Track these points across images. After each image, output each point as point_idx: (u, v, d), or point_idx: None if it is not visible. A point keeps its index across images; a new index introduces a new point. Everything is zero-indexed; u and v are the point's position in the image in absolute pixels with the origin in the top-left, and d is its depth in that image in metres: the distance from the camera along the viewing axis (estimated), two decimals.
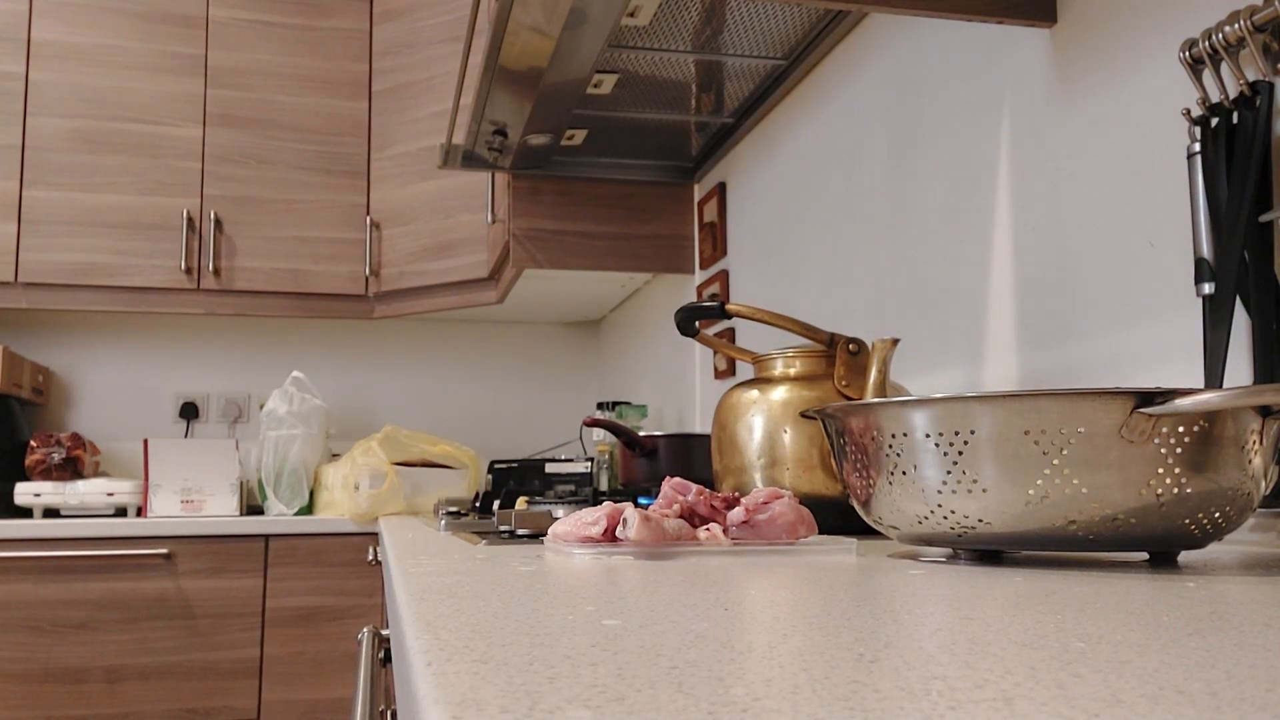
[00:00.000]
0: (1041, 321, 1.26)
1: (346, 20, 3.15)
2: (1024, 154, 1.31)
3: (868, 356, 1.20)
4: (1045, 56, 1.27)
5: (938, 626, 0.42)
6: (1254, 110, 0.93)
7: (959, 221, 1.44)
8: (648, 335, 2.99)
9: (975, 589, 0.57)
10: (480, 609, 0.48)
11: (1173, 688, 0.29)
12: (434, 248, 2.91)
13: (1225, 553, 0.84)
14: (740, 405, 1.25)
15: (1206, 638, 0.39)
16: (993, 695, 0.29)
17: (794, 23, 1.73)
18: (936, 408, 0.71)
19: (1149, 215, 1.09)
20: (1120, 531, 0.67)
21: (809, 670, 0.32)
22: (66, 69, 2.96)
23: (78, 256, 2.91)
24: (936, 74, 1.51)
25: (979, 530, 0.71)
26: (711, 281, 2.43)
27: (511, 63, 1.73)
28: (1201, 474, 0.66)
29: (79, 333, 3.24)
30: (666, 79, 1.92)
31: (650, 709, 0.27)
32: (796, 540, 0.87)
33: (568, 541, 0.85)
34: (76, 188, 2.93)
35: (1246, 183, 0.91)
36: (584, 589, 0.57)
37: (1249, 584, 0.59)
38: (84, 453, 2.81)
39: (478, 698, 0.29)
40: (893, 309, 1.61)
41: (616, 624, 0.43)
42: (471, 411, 3.50)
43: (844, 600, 0.51)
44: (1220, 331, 0.91)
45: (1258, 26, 0.91)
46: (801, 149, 1.97)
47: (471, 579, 0.63)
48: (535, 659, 0.35)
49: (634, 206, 2.55)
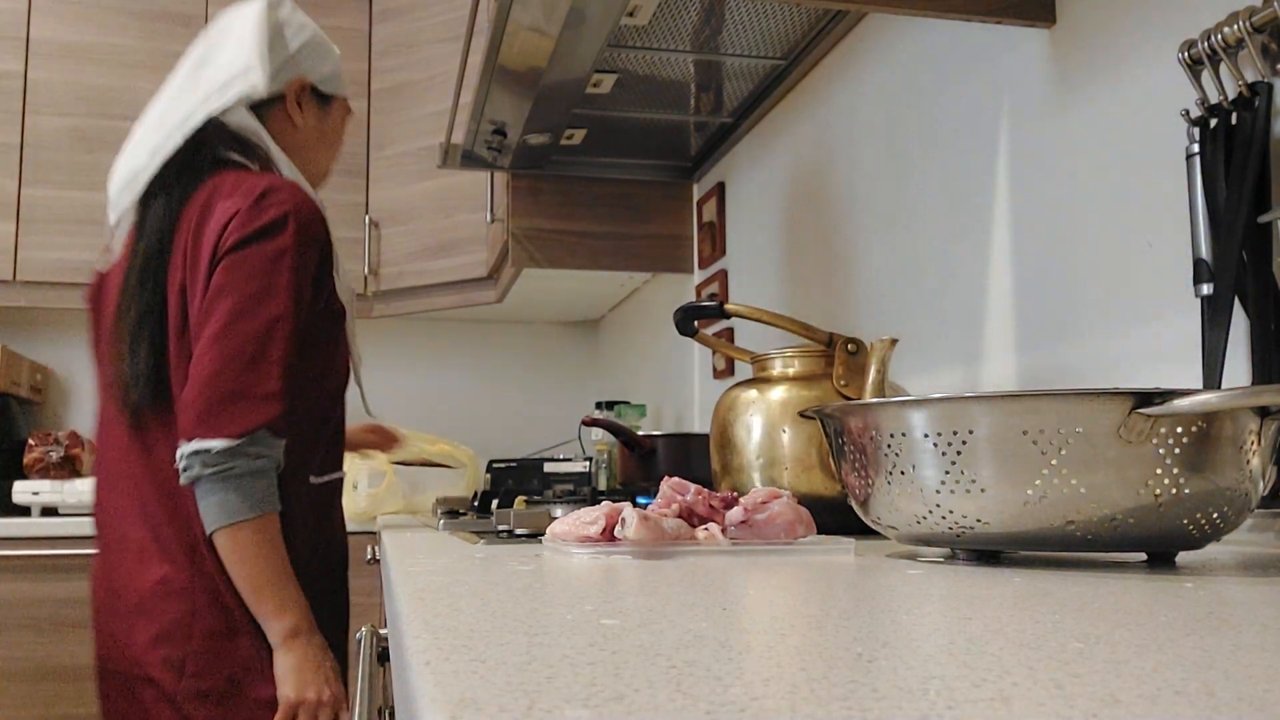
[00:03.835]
0: (1040, 322, 1.26)
1: (346, 19, 3.15)
2: (1023, 154, 1.31)
3: (866, 356, 1.20)
4: (1045, 57, 1.27)
5: (936, 626, 0.42)
6: (1253, 111, 0.93)
7: (958, 221, 1.44)
8: (647, 335, 2.99)
9: (973, 589, 0.57)
10: (478, 608, 0.48)
11: (1170, 688, 0.29)
12: (433, 247, 2.91)
13: (1223, 553, 0.84)
14: (739, 405, 1.25)
15: (1204, 638, 0.39)
16: (991, 695, 0.29)
17: (793, 23, 1.73)
18: (935, 408, 0.71)
19: (1148, 216, 1.09)
20: (1118, 532, 0.67)
21: (807, 670, 0.32)
22: (65, 67, 2.95)
23: (76, 255, 2.90)
24: (936, 74, 1.51)
25: (977, 530, 0.71)
26: (710, 281, 2.43)
27: (511, 62, 1.73)
28: (1200, 474, 0.66)
29: (77, 331, 3.24)
30: (666, 79, 1.92)
31: (649, 708, 0.27)
32: (795, 540, 0.87)
33: (566, 541, 0.85)
34: (75, 186, 2.92)
35: (1245, 183, 0.91)
36: (582, 589, 0.57)
37: (1247, 584, 0.59)
38: (82, 451, 2.81)
39: (476, 697, 0.29)
40: (892, 309, 1.61)
41: (615, 623, 0.43)
42: (470, 411, 3.50)
43: (842, 600, 0.51)
44: (1219, 332, 0.91)
45: (1256, 27, 0.91)
46: (800, 149, 1.97)
47: (470, 578, 0.63)
48: (533, 658, 0.35)
49: (633, 206, 2.55)
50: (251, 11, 1.37)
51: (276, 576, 1.18)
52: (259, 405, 1.15)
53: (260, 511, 1.16)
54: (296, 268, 1.21)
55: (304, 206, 1.24)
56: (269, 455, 1.17)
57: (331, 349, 1.31)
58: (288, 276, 1.20)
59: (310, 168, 1.43)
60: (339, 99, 1.46)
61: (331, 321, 1.31)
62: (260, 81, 1.32)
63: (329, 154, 1.46)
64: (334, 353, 1.32)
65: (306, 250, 1.23)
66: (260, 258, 1.20)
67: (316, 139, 1.42)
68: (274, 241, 1.20)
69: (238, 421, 1.14)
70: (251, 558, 1.17)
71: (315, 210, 1.26)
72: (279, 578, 1.18)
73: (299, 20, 1.41)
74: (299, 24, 1.40)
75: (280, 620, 1.18)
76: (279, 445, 1.18)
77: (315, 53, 1.41)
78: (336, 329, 1.32)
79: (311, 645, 1.20)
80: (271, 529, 1.18)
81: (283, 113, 1.38)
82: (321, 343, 1.29)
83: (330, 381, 1.33)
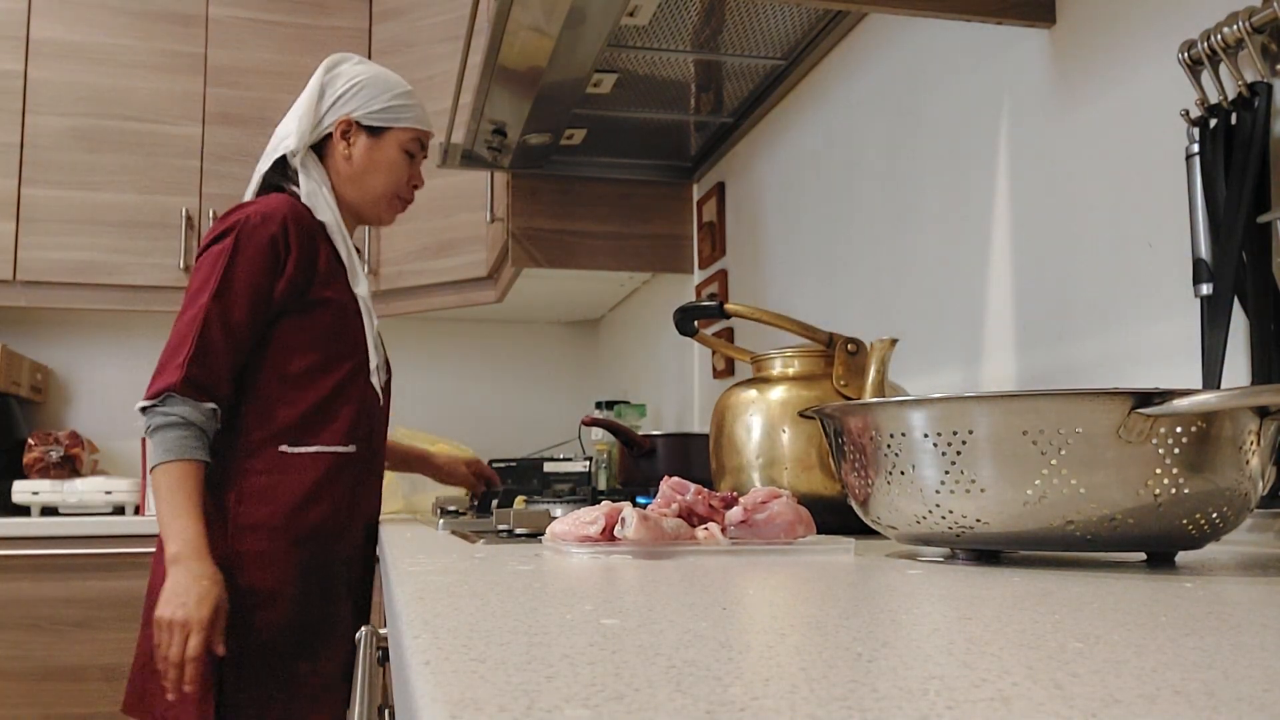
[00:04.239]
0: (1040, 322, 1.26)
1: (346, 19, 3.15)
2: (1023, 154, 1.31)
3: (866, 356, 1.20)
4: (1044, 57, 1.27)
5: (935, 626, 0.42)
6: (1252, 111, 0.93)
7: (957, 222, 1.44)
8: (646, 335, 2.99)
9: (973, 589, 0.57)
10: (478, 608, 0.48)
11: (1170, 688, 0.29)
12: (433, 247, 2.91)
13: (1223, 553, 0.84)
14: (739, 405, 1.25)
15: (1204, 638, 0.39)
16: (990, 695, 0.29)
17: (793, 23, 1.73)
18: (935, 408, 0.71)
19: (1147, 216, 1.09)
20: (1118, 532, 0.67)
21: (807, 670, 0.32)
22: (65, 67, 2.95)
23: (76, 255, 2.90)
24: (936, 74, 1.51)
25: (977, 530, 0.71)
26: (710, 281, 2.43)
27: (511, 62, 1.73)
28: (1199, 474, 0.66)
29: (77, 331, 3.24)
30: (666, 79, 1.92)
31: (648, 708, 0.27)
32: (794, 540, 0.87)
33: (566, 541, 0.85)
34: (75, 186, 2.92)
35: (1245, 183, 0.91)
36: (582, 588, 0.57)
37: (1246, 584, 0.59)
38: (82, 451, 2.81)
39: (475, 697, 0.29)
40: (891, 309, 1.61)
41: (615, 623, 0.43)
42: (470, 410, 3.50)
43: (842, 600, 0.51)
44: (1218, 332, 0.91)
45: (1256, 28, 0.91)
46: (800, 149, 1.97)
47: (469, 578, 0.63)
48: (533, 658, 0.35)
49: (633, 206, 2.55)
50: (314, 75, 1.66)
51: (171, 510, 1.40)
52: (169, 374, 1.43)
53: (166, 458, 1.41)
54: (231, 265, 1.47)
55: (251, 219, 1.50)
56: (176, 413, 1.42)
57: (300, 335, 1.53)
58: (219, 274, 1.46)
59: (364, 193, 1.66)
60: (394, 130, 1.65)
61: (301, 311, 1.53)
62: (294, 144, 1.61)
63: (383, 179, 1.66)
64: (303, 338, 1.53)
65: (245, 251, 1.48)
66: (205, 261, 1.50)
67: (366, 167, 1.65)
68: (217, 246, 1.49)
69: (153, 385, 1.43)
70: (160, 493, 1.42)
71: (264, 222, 1.50)
72: (173, 511, 1.40)
73: (350, 73, 1.65)
74: (349, 76, 1.65)
75: (168, 548, 1.40)
76: (196, 406, 1.43)
77: (364, 93, 1.64)
78: (311, 318, 1.54)
79: (186, 573, 1.38)
80: (177, 472, 1.41)
81: (333, 148, 1.64)
82: (285, 329, 1.52)
83: (297, 362, 1.53)
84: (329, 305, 1.55)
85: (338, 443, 1.55)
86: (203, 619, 1.36)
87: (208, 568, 1.39)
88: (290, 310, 1.52)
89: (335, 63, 1.67)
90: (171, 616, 1.36)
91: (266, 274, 1.49)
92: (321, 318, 1.54)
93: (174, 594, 1.37)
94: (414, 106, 1.68)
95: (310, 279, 1.53)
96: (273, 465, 1.51)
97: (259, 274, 1.48)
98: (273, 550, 1.48)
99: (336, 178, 1.64)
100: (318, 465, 1.53)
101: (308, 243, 1.54)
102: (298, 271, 1.51)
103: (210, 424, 1.45)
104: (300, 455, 1.53)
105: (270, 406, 1.51)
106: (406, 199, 1.70)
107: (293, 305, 1.52)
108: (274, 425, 1.51)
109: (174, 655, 1.36)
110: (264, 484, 1.50)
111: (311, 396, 1.53)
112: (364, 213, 1.68)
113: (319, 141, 1.64)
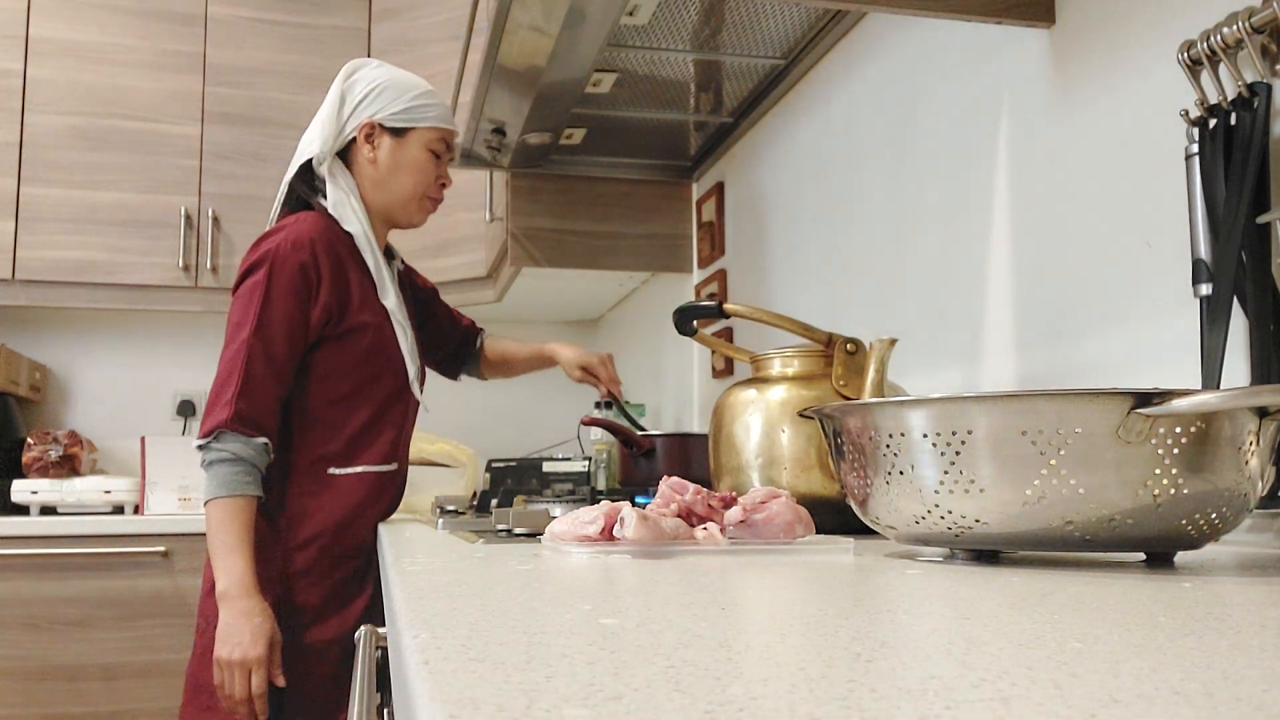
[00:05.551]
0: (1039, 322, 1.26)
1: (345, 18, 3.15)
2: (1022, 154, 1.31)
3: (866, 356, 1.20)
4: (1044, 57, 1.27)
5: (934, 626, 0.42)
6: (1252, 111, 0.93)
7: (957, 221, 1.44)
8: (646, 334, 2.99)
9: (972, 589, 0.57)
10: (477, 608, 0.48)
11: (1169, 688, 0.29)
12: (432, 246, 2.91)
13: (1222, 553, 0.84)
14: (738, 405, 1.25)
15: (1203, 638, 0.39)
16: (989, 695, 0.29)
17: (793, 22, 1.73)
18: (934, 408, 0.71)
19: (1147, 216, 1.09)
20: (1117, 532, 0.67)
21: (806, 669, 0.32)
22: (65, 66, 2.95)
23: (75, 254, 2.90)
24: (935, 74, 1.51)
25: (976, 530, 0.71)
26: (710, 281, 2.43)
27: (510, 61, 1.73)
28: (1198, 475, 0.66)
29: (76, 330, 3.24)
30: (665, 78, 1.92)
31: (647, 708, 0.27)
32: (794, 540, 0.87)
33: (565, 540, 0.85)
34: (74, 185, 2.92)
35: (1244, 184, 0.91)
36: (581, 588, 0.57)
37: (1245, 585, 0.59)
38: (81, 450, 2.81)
39: (474, 696, 0.29)
40: (891, 309, 1.61)
41: (614, 623, 0.43)
42: (469, 410, 3.50)
43: (841, 600, 0.51)
44: (1218, 332, 0.91)
45: (1256, 28, 0.91)
46: (800, 149, 1.97)
47: (469, 578, 0.63)
48: (532, 658, 0.35)
49: (632, 205, 2.55)
50: (334, 83, 1.66)
51: (223, 545, 1.43)
52: (219, 411, 1.45)
53: (219, 494, 1.44)
54: (267, 298, 1.49)
55: (282, 247, 1.51)
56: (228, 450, 1.44)
57: (340, 359, 1.55)
58: (257, 309, 1.49)
59: (392, 196, 1.65)
60: (417, 129, 1.64)
61: (339, 338, 1.55)
62: (318, 150, 1.61)
63: (410, 180, 1.65)
64: (344, 362, 1.56)
65: (279, 283, 1.50)
66: (241, 295, 1.52)
67: (392, 169, 1.64)
68: (251, 279, 1.51)
69: (206, 423, 1.46)
70: (212, 529, 1.44)
71: (295, 250, 1.51)
72: (224, 547, 1.43)
73: (369, 76, 1.65)
74: (369, 79, 1.64)
75: (218, 583, 1.43)
76: (247, 441, 1.45)
77: (385, 95, 1.63)
78: (349, 343, 1.56)
79: (233, 611, 1.41)
80: (228, 508, 1.43)
81: (358, 152, 1.64)
82: (325, 354, 1.55)
83: (340, 386, 1.56)
84: (366, 329, 1.57)
85: (380, 462, 1.60)
86: (260, 656, 1.40)
87: (256, 604, 1.42)
88: (328, 337, 1.55)
89: (354, 68, 1.67)
90: (229, 657, 1.40)
91: (300, 304, 1.51)
92: (359, 342, 1.56)
93: (228, 634, 1.40)
94: (436, 105, 1.67)
95: (345, 305, 1.56)
96: (321, 486, 1.56)
97: (294, 305, 1.51)
98: (320, 567, 1.53)
99: (364, 182, 1.64)
100: (363, 484, 1.58)
101: (338, 266, 1.55)
102: (331, 297, 1.54)
103: (261, 458, 1.47)
104: (347, 476, 1.57)
105: (318, 431, 1.56)
106: (436, 199, 1.69)
107: (330, 333, 1.55)
108: (323, 449, 1.56)
109: (239, 693, 1.41)
110: (313, 505, 1.55)
111: (356, 420, 1.58)
112: (394, 215, 1.67)
113: (344, 148, 1.64)
